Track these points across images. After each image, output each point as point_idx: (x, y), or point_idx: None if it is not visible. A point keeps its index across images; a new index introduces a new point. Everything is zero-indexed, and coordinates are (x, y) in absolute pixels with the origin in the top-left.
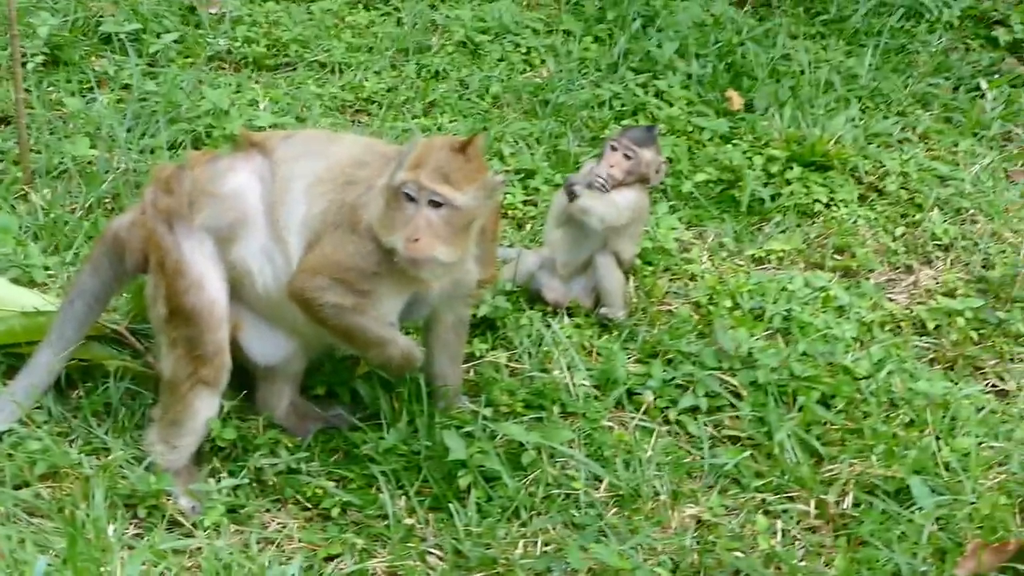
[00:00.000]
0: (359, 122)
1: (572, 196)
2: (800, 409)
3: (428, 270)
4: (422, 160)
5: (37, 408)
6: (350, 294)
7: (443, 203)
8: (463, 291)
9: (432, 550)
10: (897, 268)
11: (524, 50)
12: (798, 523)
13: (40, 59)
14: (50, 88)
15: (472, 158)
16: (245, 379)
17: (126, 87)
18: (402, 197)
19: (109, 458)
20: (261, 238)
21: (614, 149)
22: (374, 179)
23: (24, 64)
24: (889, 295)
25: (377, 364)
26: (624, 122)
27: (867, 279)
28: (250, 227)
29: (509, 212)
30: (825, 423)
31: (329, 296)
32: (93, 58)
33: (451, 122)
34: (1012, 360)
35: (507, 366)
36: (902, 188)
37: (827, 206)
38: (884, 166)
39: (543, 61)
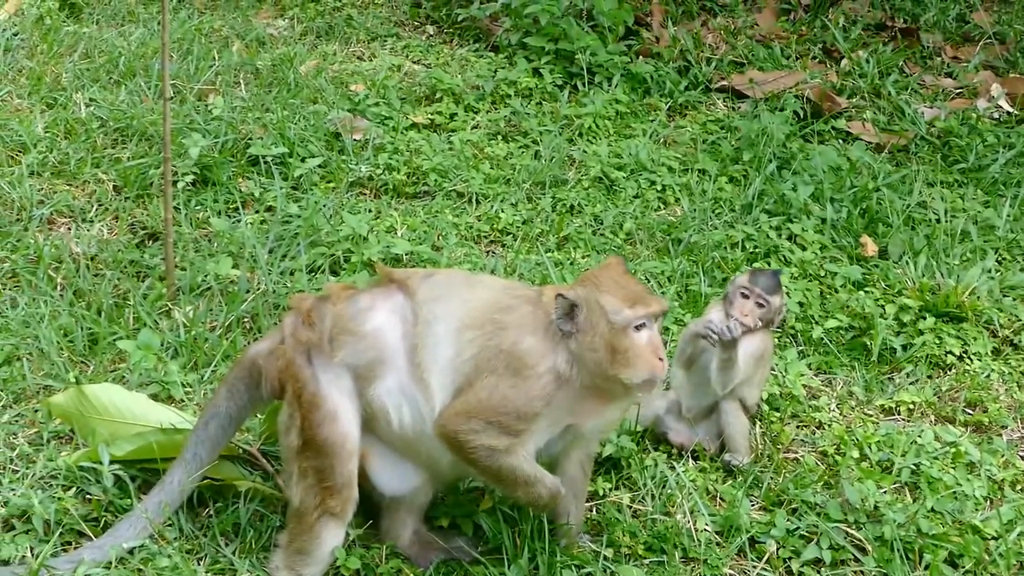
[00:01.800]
0: (493, 252)
1: (723, 341)
2: (927, 568)
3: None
4: (630, 292)
5: (168, 525)
6: (504, 435)
7: (656, 320)
8: (610, 424)
9: None
10: None
11: (659, 188)
12: None
13: (190, 178)
14: (198, 207)
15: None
16: (371, 507)
17: (270, 209)
18: (632, 332)
19: None
20: (400, 378)
21: (745, 296)
22: (526, 323)
23: (175, 183)
24: (1021, 453)
25: (523, 503)
26: (756, 264)
27: (999, 435)
28: (389, 366)
29: None
30: None
31: (483, 439)
32: (240, 179)
33: (584, 257)
34: None
35: (630, 507)
36: None
37: (960, 358)
38: (1020, 319)
39: (677, 199)
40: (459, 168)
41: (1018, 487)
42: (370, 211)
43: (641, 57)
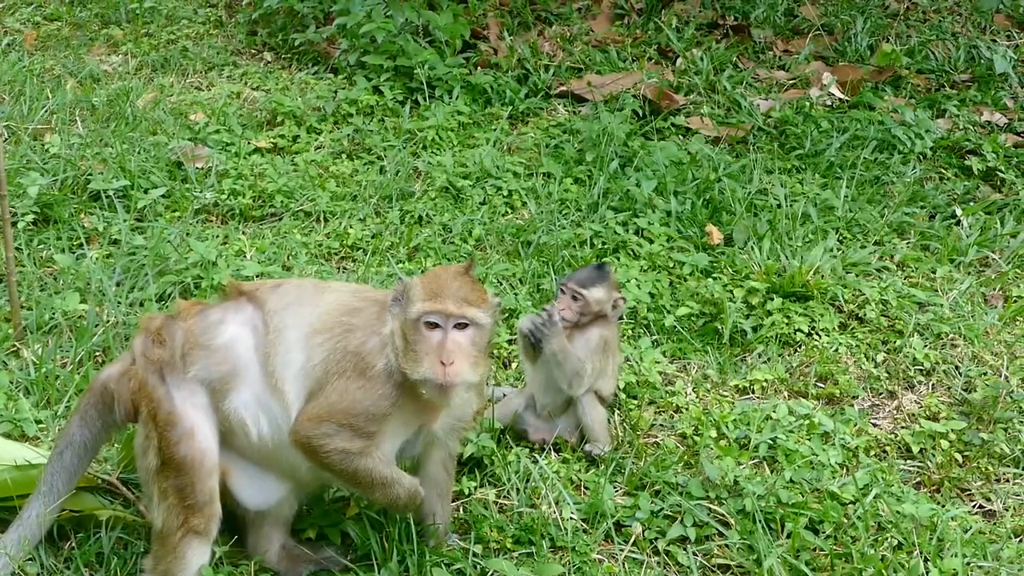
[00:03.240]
0: (345, 268)
1: (538, 342)
2: (789, 536)
3: (457, 394)
4: (437, 288)
5: (29, 560)
6: (357, 438)
7: (469, 323)
8: (461, 423)
9: None
10: (880, 394)
11: (505, 193)
12: None
13: (30, 218)
14: (40, 246)
15: (474, 279)
16: (236, 523)
17: (115, 242)
18: (423, 328)
19: None
20: (255, 389)
21: (563, 292)
22: (373, 324)
23: (14, 223)
24: (873, 420)
25: (382, 504)
26: (605, 259)
27: (851, 405)
28: (243, 378)
29: (494, 351)
30: (814, 549)
31: (336, 442)
32: (82, 215)
33: (435, 265)
34: (997, 481)
35: (496, 503)
36: (882, 315)
37: (808, 335)
38: (863, 294)
39: (524, 203)
40: (305, 188)
41: (871, 453)
42: (217, 236)
43: (480, 68)
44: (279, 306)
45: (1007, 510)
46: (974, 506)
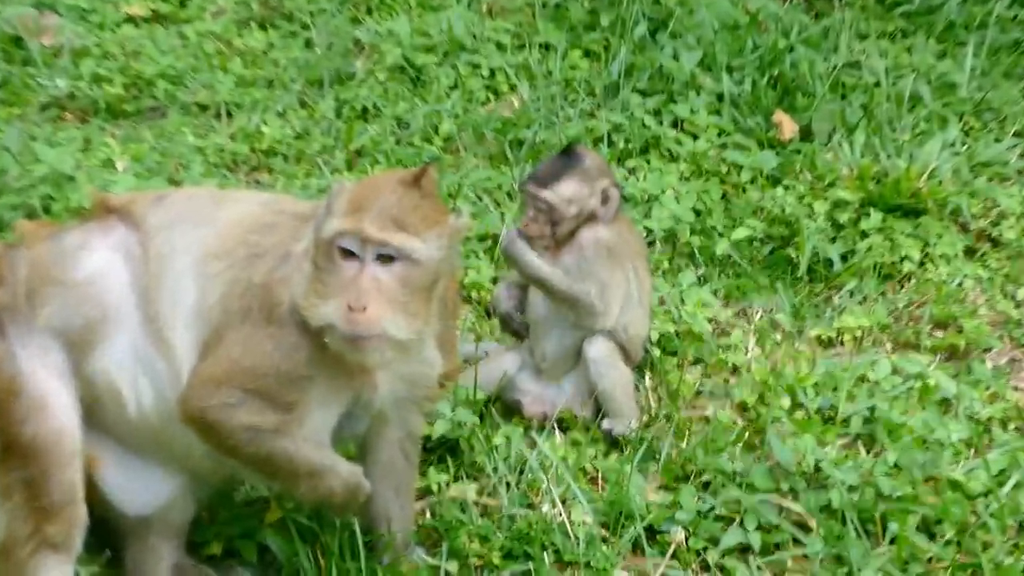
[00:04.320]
0: (258, 182)
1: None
2: (892, 541)
3: (377, 353)
4: (363, 202)
5: None
6: (270, 409)
7: (397, 256)
8: (418, 392)
9: None
10: (1022, 345)
11: (486, 73)
12: None
13: None
14: None
15: (428, 194)
16: (108, 534)
17: None
18: (336, 254)
19: None
20: (133, 339)
21: (526, 199)
22: (289, 246)
23: None
24: (1014, 382)
25: (312, 503)
26: (629, 164)
27: (981, 361)
28: (115, 326)
29: (474, 293)
30: (929, 559)
31: (241, 415)
32: None
33: None
34: None
35: (477, 502)
36: None
37: (920, 264)
38: (998, 206)
39: (513, 87)
40: (199, 71)
41: (1010, 426)
42: (75, 140)
43: None
44: (163, 224)
45: None
46: None
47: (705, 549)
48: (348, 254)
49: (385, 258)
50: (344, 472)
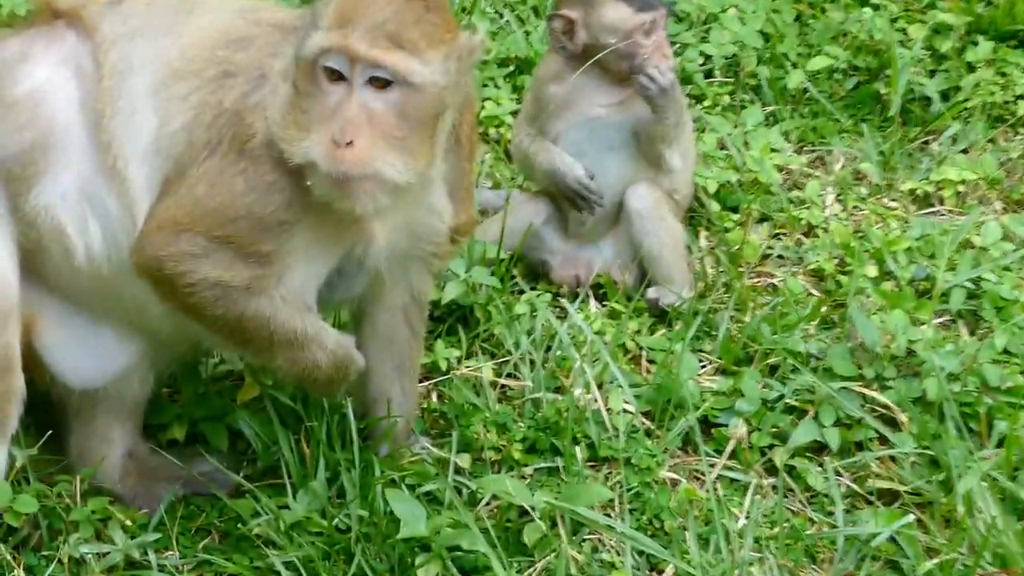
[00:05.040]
0: None
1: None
2: (1001, 443)
3: (367, 198)
4: (353, 11)
5: None
6: (241, 262)
7: (393, 80)
8: (424, 247)
9: None
10: None
11: None
12: None
13: None
14: None
15: (433, 5)
16: (50, 413)
17: None
18: (321, 76)
19: None
20: (80, 172)
21: (648, 33)
22: (266, 63)
23: None
24: None
25: (294, 379)
26: None
27: None
28: (60, 154)
29: (492, 130)
30: None
31: (206, 268)
32: None
33: None
34: None
35: (494, 384)
36: None
37: None
38: None
39: None
40: None
41: None
42: None
43: None
44: (119, 34)
45: None
46: None
47: (771, 447)
48: (335, 76)
49: (379, 82)
50: (331, 342)
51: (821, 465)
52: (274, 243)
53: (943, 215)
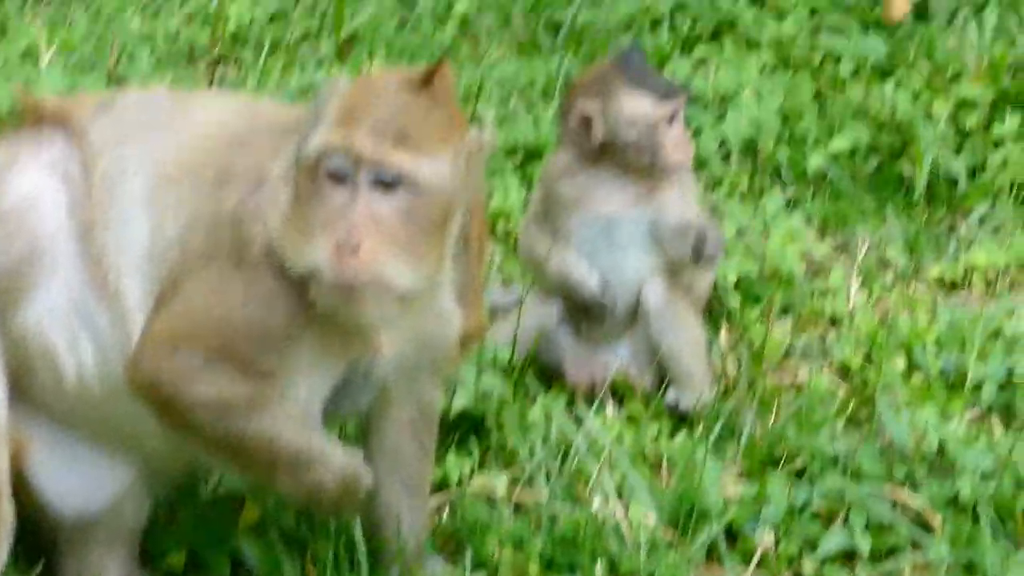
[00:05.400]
0: (222, 79)
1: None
2: None
3: (375, 307)
4: (356, 109)
5: None
6: (242, 377)
7: (399, 182)
8: (433, 356)
9: None
10: None
11: None
12: None
13: None
14: None
15: (441, 100)
16: (41, 540)
17: None
18: (324, 178)
19: None
20: (70, 287)
21: (671, 122)
22: (266, 166)
23: None
24: None
25: (299, 500)
26: (697, 54)
27: None
28: (49, 267)
29: (500, 223)
30: None
31: (204, 385)
32: None
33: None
34: None
35: (509, 498)
36: None
37: None
38: None
39: None
40: None
41: None
42: None
43: None
44: (110, 137)
45: None
46: None
47: (799, 555)
48: (338, 178)
49: (385, 184)
50: (338, 460)
51: (852, 572)
52: (276, 356)
53: (973, 301)
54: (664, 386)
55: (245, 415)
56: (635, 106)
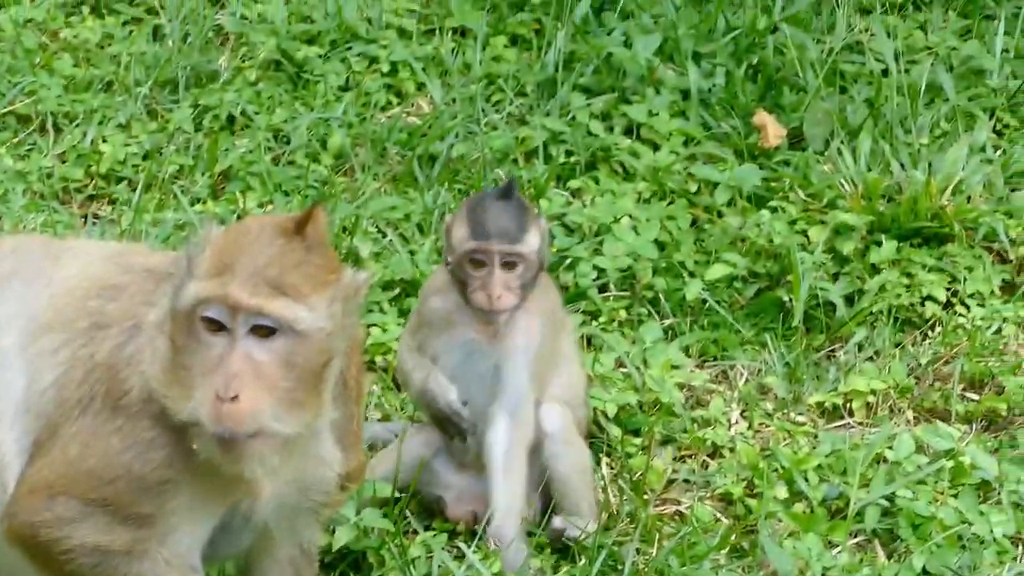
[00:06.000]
0: (96, 216)
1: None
2: None
3: (256, 457)
4: (231, 257)
5: None
6: (120, 524)
7: (276, 328)
8: (313, 498)
9: None
10: None
11: (386, 69)
12: None
13: None
14: None
15: (315, 244)
16: None
17: None
18: (200, 327)
19: None
20: None
21: (479, 263)
22: (140, 312)
23: None
24: None
25: None
26: (573, 184)
27: None
28: None
29: (378, 358)
30: None
31: (83, 532)
32: None
33: (261, 205)
34: None
35: None
36: None
37: (947, 306)
38: None
39: (421, 86)
40: (16, 72)
41: None
42: None
43: None
44: None
45: None
46: None
47: None
48: (215, 326)
49: (262, 331)
50: None
51: None
52: (155, 503)
53: (853, 428)
54: (548, 514)
55: (125, 561)
56: (457, 235)
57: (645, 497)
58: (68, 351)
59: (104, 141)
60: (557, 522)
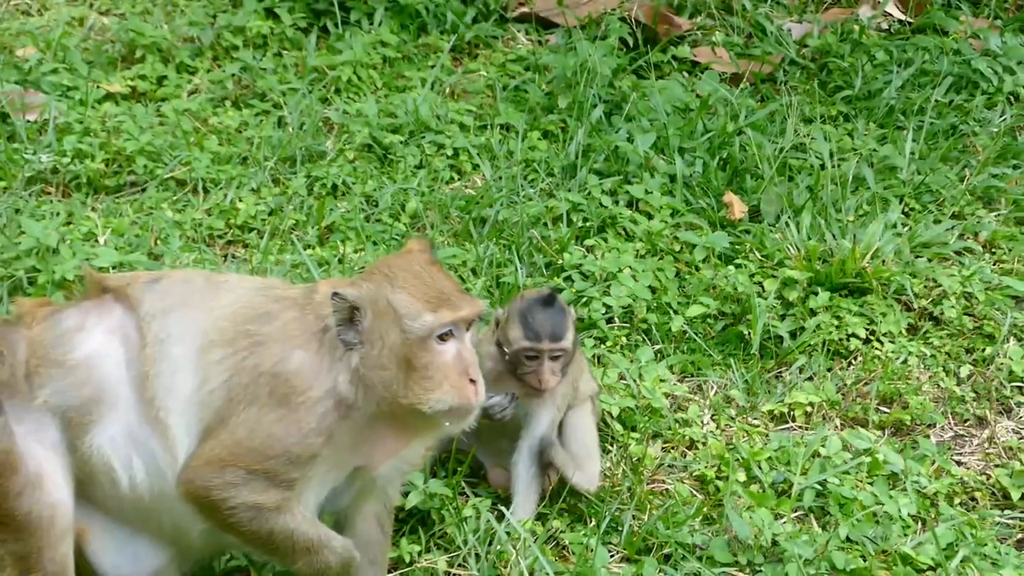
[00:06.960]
0: (233, 256)
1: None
2: None
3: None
4: (434, 289)
5: None
6: (274, 488)
7: (468, 328)
8: (410, 467)
9: None
10: (965, 420)
11: (450, 152)
12: None
13: None
14: None
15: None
16: None
17: None
18: (434, 344)
19: None
20: (128, 420)
21: (533, 357)
22: (293, 335)
23: None
24: (957, 456)
25: (306, 575)
26: (588, 242)
27: (926, 436)
28: (111, 406)
29: None
30: None
31: (245, 494)
32: None
33: (357, 251)
34: None
35: (447, 573)
36: (965, 314)
37: (866, 342)
38: (939, 285)
39: (476, 166)
40: (176, 148)
41: (956, 501)
42: (59, 214)
43: None
44: (159, 308)
45: None
46: None
47: None
48: (448, 336)
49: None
50: (339, 547)
51: None
52: (301, 472)
53: (796, 430)
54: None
55: (274, 515)
56: (512, 335)
57: (640, 477)
58: (232, 362)
59: (240, 200)
60: (579, 478)
